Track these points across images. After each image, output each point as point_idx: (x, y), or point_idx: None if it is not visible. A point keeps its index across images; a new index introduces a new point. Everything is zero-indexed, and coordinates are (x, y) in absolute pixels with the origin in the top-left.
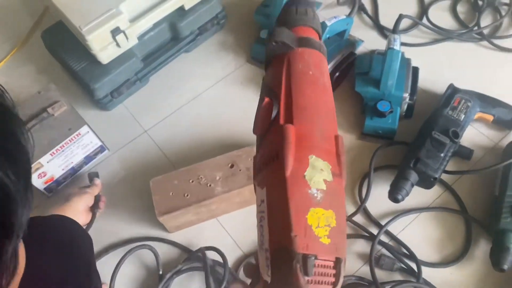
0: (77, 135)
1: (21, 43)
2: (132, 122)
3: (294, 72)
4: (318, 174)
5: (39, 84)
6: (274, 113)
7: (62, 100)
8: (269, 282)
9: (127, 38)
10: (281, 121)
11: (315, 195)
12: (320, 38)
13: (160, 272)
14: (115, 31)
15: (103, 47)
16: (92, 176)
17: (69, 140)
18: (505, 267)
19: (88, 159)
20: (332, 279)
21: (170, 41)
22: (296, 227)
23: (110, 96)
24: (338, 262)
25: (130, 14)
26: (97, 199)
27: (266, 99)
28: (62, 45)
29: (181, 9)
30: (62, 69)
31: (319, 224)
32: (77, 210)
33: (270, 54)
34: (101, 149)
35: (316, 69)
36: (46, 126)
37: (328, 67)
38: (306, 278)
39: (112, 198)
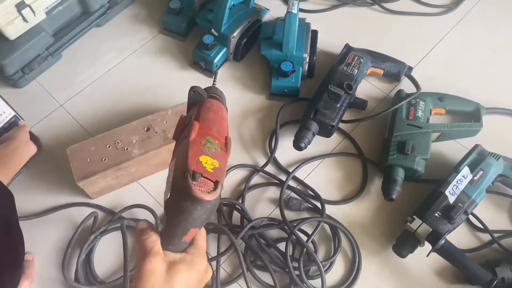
0: None
1: None
2: (47, 97)
3: (203, 106)
4: (210, 144)
5: None
6: (187, 121)
7: None
8: (168, 198)
9: (34, 12)
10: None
11: (207, 151)
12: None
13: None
14: (20, 5)
15: (9, 22)
16: (13, 125)
17: None
18: (394, 196)
19: (3, 130)
20: (211, 189)
21: (81, 15)
22: (191, 160)
23: (22, 72)
24: (217, 183)
25: None
26: (32, 134)
27: (182, 115)
28: None
29: None
30: None
31: (207, 162)
32: (26, 141)
33: (190, 101)
34: (15, 119)
35: (218, 108)
36: None
37: (227, 114)
38: (194, 182)
39: (32, 172)
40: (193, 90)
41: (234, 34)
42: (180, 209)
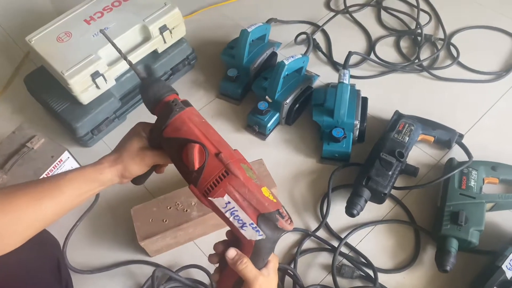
0: (59, 161)
1: (3, 88)
2: None
3: (199, 124)
4: (250, 172)
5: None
6: (206, 152)
7: (39, 134)
8: (265, 237)
9: (105, 80)
10: (213, 152)
11: (257, 182)
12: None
13: None
14: (95, 75)
15: (84, 90)
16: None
17: (53, 167)
18: (448, 268)
19: None
20: (289, 217)
21: None
22: (264, 200)
23: (91, 133)
24: (283, 207)
25: (108, 59)
26: None
27: (197, 145)
28: (44, 88)
29: (154, 52)
30: (45, 111)
31: (269, 194)
32: None
33: (172, 115)
34: None
35: (202, 117)
36: (29, 159)
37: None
38: (284, 220)
39: (95, 227)
40: (179, 106)
41: (287, 101)
42: (274, 241)
